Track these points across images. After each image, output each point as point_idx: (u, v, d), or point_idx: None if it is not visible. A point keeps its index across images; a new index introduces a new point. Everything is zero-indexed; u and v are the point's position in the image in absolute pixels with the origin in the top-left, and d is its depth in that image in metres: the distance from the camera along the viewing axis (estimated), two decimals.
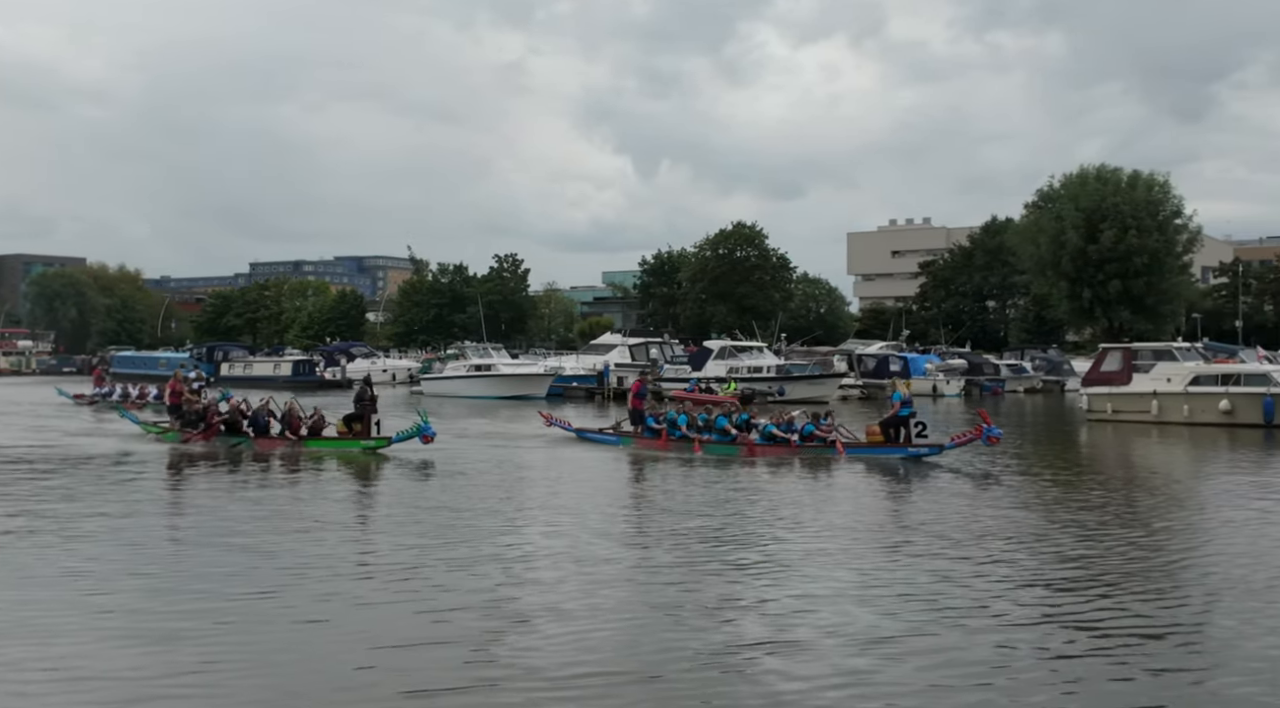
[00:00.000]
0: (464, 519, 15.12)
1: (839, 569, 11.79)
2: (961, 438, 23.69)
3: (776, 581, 11.20)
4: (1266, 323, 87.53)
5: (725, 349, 56.84)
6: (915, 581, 11.12)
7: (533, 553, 12.60)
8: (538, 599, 10.18)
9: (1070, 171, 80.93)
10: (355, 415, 25.34)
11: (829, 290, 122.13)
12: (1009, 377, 65.50)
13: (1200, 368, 38.38)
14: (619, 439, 27.01)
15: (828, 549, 12.95)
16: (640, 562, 12.17)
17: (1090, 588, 10.89)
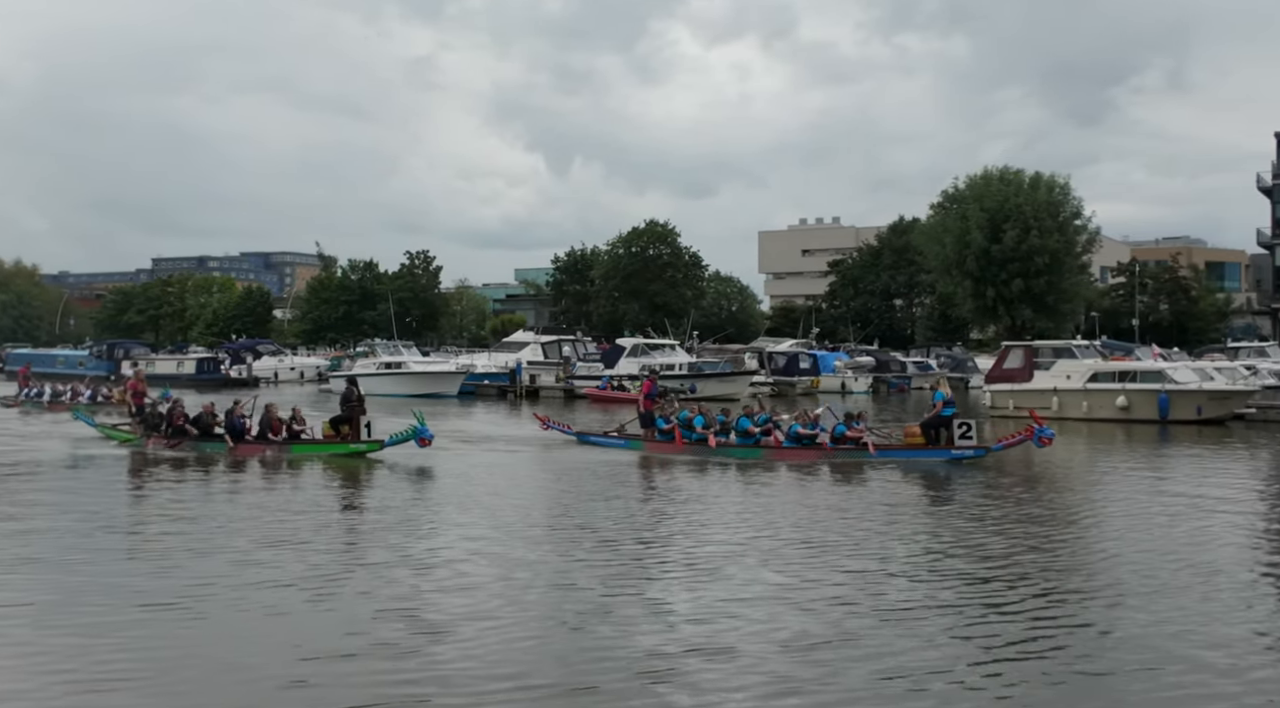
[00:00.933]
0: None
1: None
2: (1010, 440, 22.62)
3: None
4: (1162, 322, 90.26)
5: (638, 347, 57.03)
6: (846, 584, 11.13)
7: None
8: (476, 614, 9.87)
9: (975, 173, 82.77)
10: (343, 418, 23.90)
11: (740, 289, 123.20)
12: (915, 374, 66.67)
13: (1098, 365, 39.53)
14: (627, 442, 25.61)
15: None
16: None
17: (1008, 588, 10.99)
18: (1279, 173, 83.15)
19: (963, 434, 22.11)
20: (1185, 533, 14.43)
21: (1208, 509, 16.36)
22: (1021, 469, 21.81)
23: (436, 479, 20.25)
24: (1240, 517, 15.95)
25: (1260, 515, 16.53)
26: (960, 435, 22.11)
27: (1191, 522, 15.31)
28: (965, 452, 21.91)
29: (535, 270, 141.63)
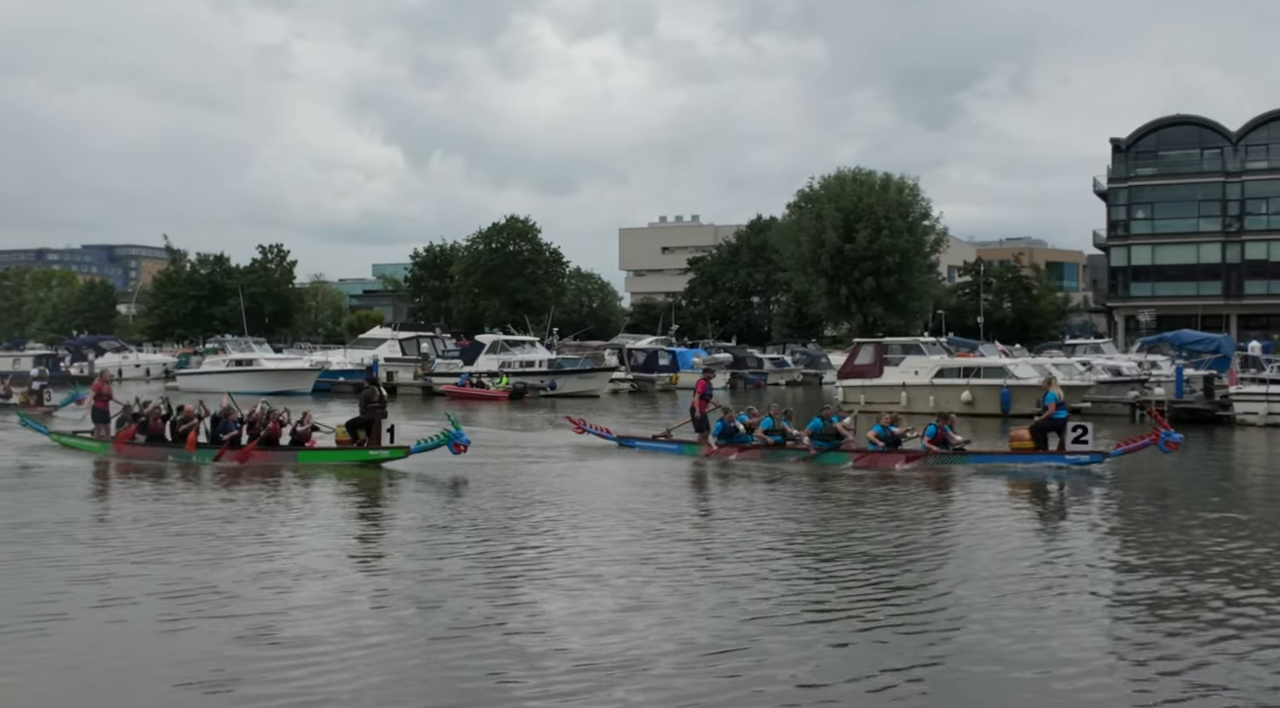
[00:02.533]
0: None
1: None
2: (1131, 444, 20.56)
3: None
4: (1005, 319, 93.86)
5: (497, 344, 56.73)
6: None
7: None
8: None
9: (829, 174, 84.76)
10: (362, 421, 21.14)
11: (601, 285, 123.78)
12: (771, 370, 67.94)
13: (944, 361, 40.95)
14: (681, 448, 23.57)
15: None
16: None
17: (859, 587, 10.96)
18: (1114, 177, 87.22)
19: (1077, 438, 20.47)
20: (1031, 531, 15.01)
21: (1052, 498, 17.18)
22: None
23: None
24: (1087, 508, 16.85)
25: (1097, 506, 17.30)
26: (1074, 439, 20.48)
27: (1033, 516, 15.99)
28: (1080, 457, 20.34)
29: (393, 266, 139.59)
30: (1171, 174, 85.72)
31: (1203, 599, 10.29)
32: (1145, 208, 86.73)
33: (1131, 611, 10.00)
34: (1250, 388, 34.34)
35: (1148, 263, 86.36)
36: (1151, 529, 14.61)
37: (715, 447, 22.41)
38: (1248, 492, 20.16)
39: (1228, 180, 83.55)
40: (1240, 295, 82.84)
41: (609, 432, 25.54)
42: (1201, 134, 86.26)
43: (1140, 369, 42.39)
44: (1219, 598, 10.32)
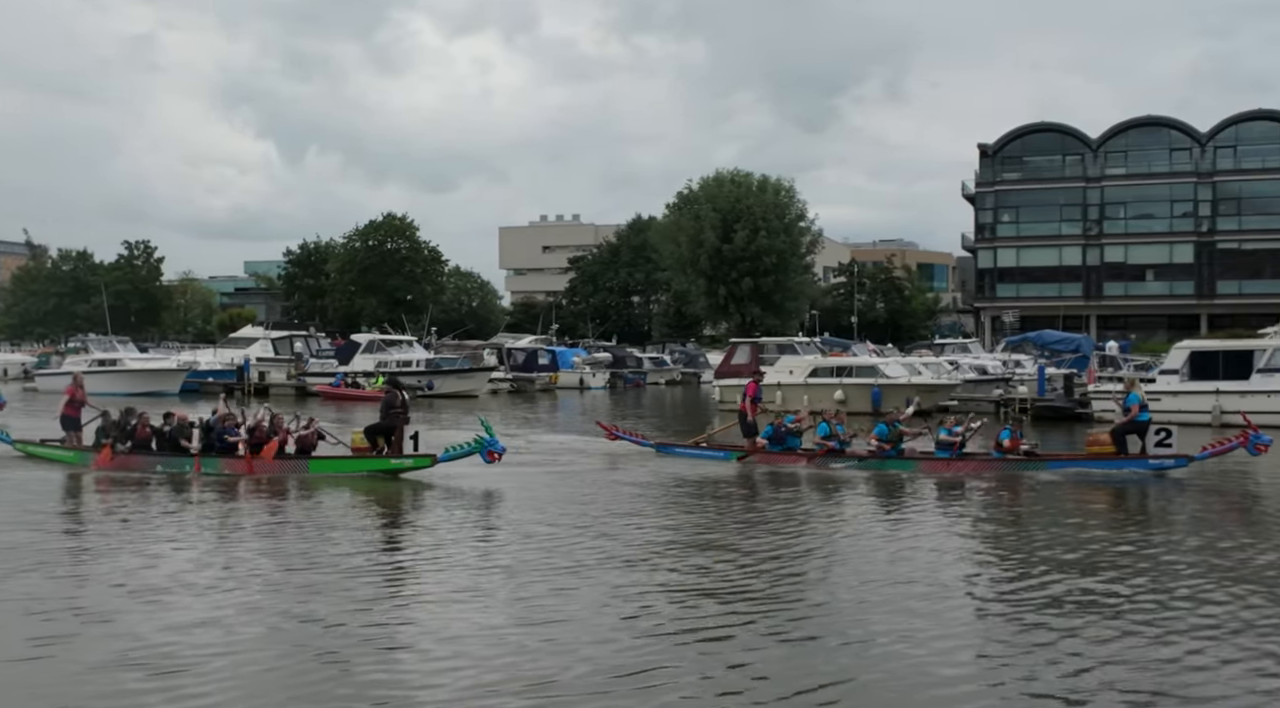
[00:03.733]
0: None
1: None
2: (1218, 447, 19.58)
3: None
4: (878, 319, 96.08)
5: (374, 343, 55.92)
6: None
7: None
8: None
9: (708, 175, 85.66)
10: (382, 427, 19.50)
11: (481, 284, 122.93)
12: (651, 369, 68.37)
13: (818, 361, 41.77)
14: (728, 454, 22.22)
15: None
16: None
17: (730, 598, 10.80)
18: (981, 182, 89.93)
19: (1160, 441, 19.65)
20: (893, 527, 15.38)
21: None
22: (748, 467, 22.22)
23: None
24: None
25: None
26: (1158, 443, 19.64)
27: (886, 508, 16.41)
28: (1164, 461, 19.52)
29: (266, 263, 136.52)
30: (1035, 179, 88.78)
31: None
32: (1011, 212, 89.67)
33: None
34: (1107, 386, 35.71)
35: (1013, 265, 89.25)
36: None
37: (816, 450, 20.97)
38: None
39: (1088, 185, 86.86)
40: (1099, 297, 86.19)
41: (645, 437, 24.57)
42: (1064, 141, 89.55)
43: (1005, 368, 43.79)
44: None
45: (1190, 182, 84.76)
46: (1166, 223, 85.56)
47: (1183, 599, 10.30)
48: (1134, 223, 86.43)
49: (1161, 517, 16.20)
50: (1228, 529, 14.61)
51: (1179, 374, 33.20)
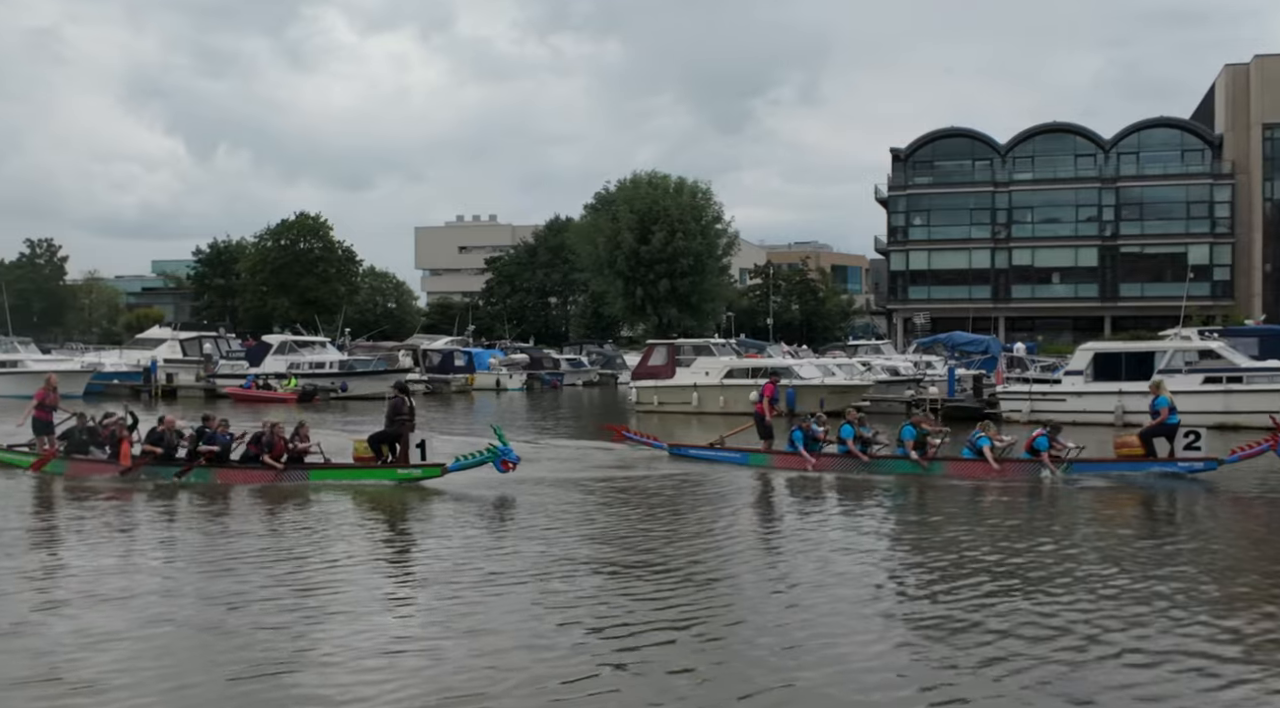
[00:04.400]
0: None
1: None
2: (1248, 450, 19.27)
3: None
4: (793, 321, 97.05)
5: (285, 344, 55.00)
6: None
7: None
8: None
9: (626, 176, 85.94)
10: (388, 435, 18.65)
11: (396, 285, 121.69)
12: (568, 371, 68.20)
13: (734, 362, 42.06)
14: (746, 457, 21.75)
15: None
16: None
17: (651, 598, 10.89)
18: (893, 186, 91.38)
19: (1189, 445, 19.34)
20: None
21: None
22: (665, 467, 22.31)
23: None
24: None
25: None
26: (1186, 446, 19.33)
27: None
28: (1193, 465, 19.19)
29: (175, 262, 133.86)
30: (946, 184, 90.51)
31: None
32: (922, 215, 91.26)
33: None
34: (1015, 387, 36.53)
35: (924, 268, 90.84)
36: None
37: (807, 455, 20.47)
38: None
39: (997, 190, 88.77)
40: (1007, 299, 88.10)
41: (656, 439, 23.80)
42: (973, 146, 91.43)
43: (916, 369, 44.55)
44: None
45: (1094, 187, 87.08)
46: (1072, 227, 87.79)
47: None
48: (1041, 227, 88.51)
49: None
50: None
51: (1083, 375, 34.05)
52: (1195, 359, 32.79)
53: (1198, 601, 10.34)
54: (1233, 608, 10.11)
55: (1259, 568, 12.29)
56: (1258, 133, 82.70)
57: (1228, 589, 10.99)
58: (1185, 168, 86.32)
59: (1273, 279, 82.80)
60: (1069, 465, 19.27)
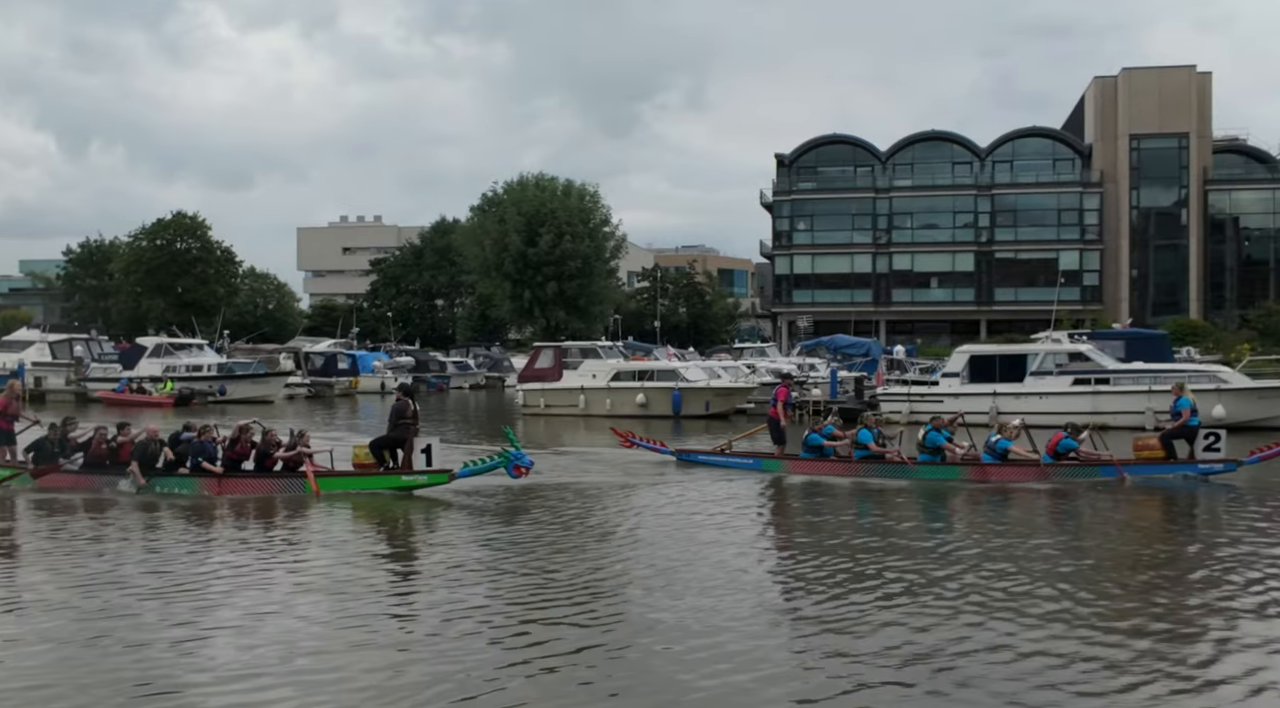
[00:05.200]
0: None
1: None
2: (1268, 450, 19.41)
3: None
4: (680, 324, 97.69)
5: (161, 347, 53.49)
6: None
7: None
8: None
9: (513, 178, 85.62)
10: (391, 440, 17.85)
11: (278, 286, 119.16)
12: (455, 374, 67.69)
13: (621, 365, 42.22)
14: (759, 462, 21.37)
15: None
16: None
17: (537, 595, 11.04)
18: (778, 191, 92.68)
19: (1209, 446, 19.34)
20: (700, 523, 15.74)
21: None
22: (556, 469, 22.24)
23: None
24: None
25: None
26: (1206, 447, 19.34)
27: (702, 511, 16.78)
28: (1213, 466, 19.25)
29: (45, 262, 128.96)
30: (829, 189, 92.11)
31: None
32: (806, 220, 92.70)
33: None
34: (894, 389, 37.41)
35: (808, 272, 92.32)
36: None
37: (843, 454, 20.22)
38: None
39: (878, 196, 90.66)
40: (888, 303, 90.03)
41: (664, 445, 23.11)
42: (855, 153, 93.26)
43: (800, 371, 45.26)
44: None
45: (971, 194, 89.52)
46: (949, 233, 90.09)
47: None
48: (920, 233, 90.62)
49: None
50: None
51: (959, 377, 35.03)
52: (1065, 361, 33.97)
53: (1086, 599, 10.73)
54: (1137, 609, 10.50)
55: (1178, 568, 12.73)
56: (1125, 143, 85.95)
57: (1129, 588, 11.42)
58: (1056, 176, 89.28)
59: (1139, 284, 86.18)
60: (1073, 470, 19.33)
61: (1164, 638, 9.12)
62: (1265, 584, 11.21)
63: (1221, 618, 9.86)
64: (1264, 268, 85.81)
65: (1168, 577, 11.75)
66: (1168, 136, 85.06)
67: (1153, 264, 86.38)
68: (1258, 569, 11.97)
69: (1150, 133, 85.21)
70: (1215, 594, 10.86)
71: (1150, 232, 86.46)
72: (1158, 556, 13.13)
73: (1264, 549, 13.23)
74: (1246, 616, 9.93)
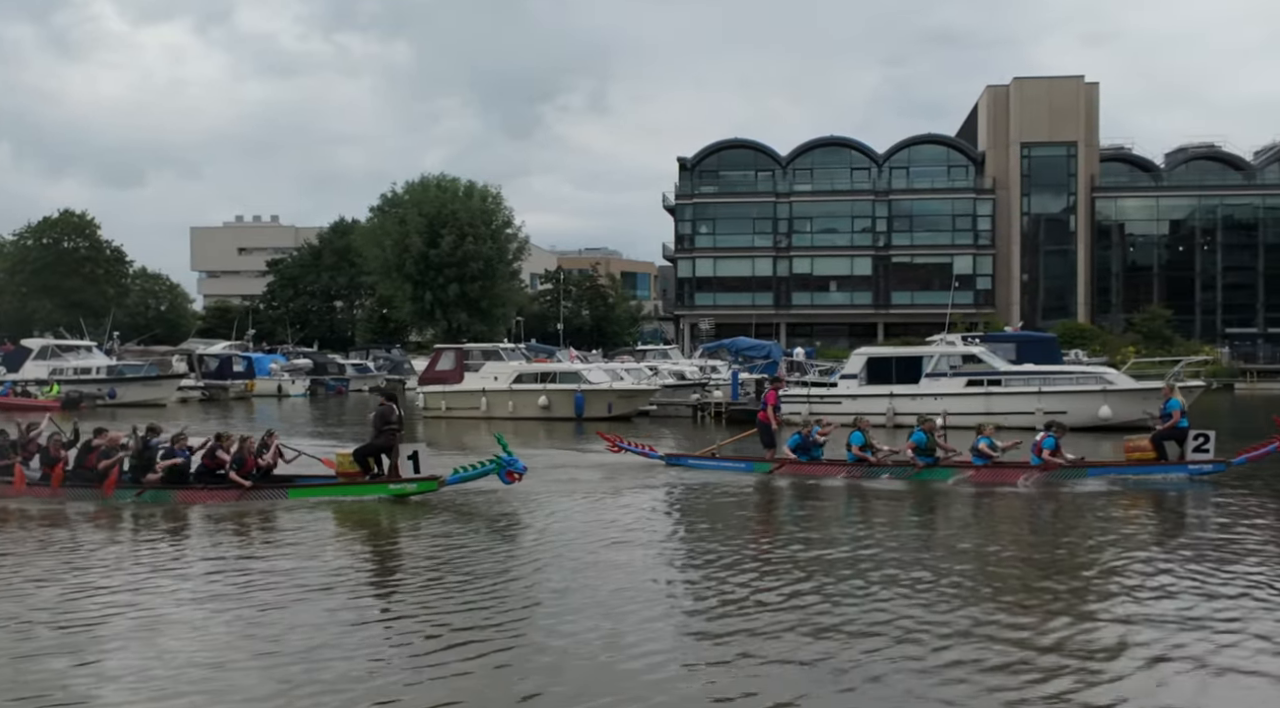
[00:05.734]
0: None
1: None
2: (1255, 450, 19.52)
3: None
4: (583, 326, 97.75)
5: (47, 348, 51.87)
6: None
7: None
8: None
9: (414, 179, 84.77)
10: (377, 447, 17.24)
11: (171, 287, 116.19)
12: (354, 376, 66.83)
13: (523, 367, 42.08)
14: (750, 466, 21.22)
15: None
16: None
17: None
18: (681, 194, 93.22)
19: (1198, 447, 19.43)
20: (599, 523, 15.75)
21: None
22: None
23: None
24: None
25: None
26: (1195, 448, 19.43)
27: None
28: (1202, 467, 19.30)
29: None
30: (731, 193, 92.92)
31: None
32: (708, 224, 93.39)
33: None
34: (794, 390, 37.87)
35: (710, 275, 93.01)
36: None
37: (848, 461, 20.16)
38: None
39: (778, 201, 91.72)
40: (788, 306, 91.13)
41: (653, 449, 22.86)
42: (756, 157, 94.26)
43: (701, 373, 45.64)
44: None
45: (869, 200, 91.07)
46: (848, 238, 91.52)
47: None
48: (819, 237, 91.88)
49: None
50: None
51: (858, 379, 35.66)
52: (959, 363, 34.79)
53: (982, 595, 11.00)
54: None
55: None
56: (1016, 151, 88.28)
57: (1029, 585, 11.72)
58: (951, 183, 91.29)
59: (1029, 288, 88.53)
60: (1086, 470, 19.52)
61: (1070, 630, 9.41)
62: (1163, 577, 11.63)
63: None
64: (1148, 273, 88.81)
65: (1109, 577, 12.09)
66: (1057, 145, 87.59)
67: (1043, 269, 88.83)
68: (1165, 571, 12.38)
69: (1040, 141, 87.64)
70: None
71: (1040, 237, 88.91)
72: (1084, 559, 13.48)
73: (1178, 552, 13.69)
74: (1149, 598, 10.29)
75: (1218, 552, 13.00)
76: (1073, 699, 7.55)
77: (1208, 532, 14.72)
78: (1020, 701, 7.54)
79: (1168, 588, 11.00)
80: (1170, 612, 9.97)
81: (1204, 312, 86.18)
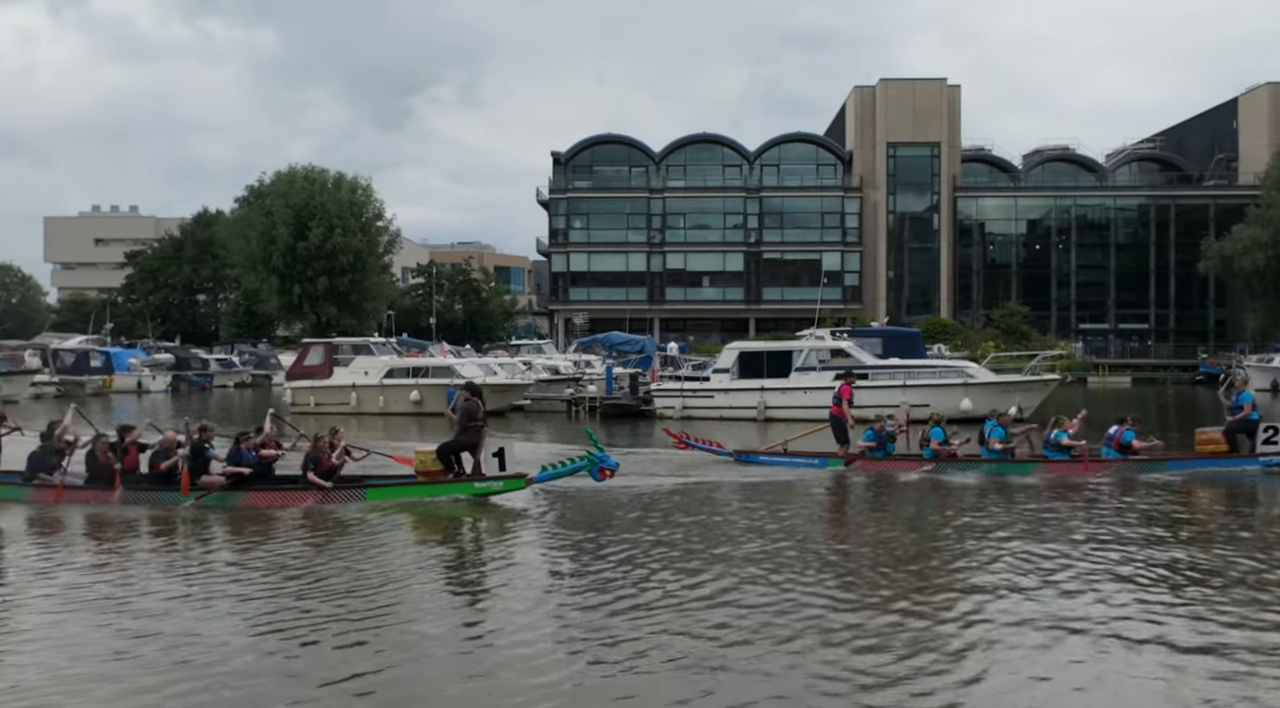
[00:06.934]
0: None
1: None
2: None
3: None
4: (456, 320, 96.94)
5: None
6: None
7: None
8: None
9: (282, 169, 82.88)
10: (461, 444, 16.19)
11: (22, 279, 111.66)
12: (218, 371, 65.07)
13: (394, 362, 41.57)
14: (823, 461, 20.78)
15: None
16: None
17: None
18: (554, 189, 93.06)
19: (1268, 439, 19.49)
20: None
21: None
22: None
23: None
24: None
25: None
26: (1265, 441, 19.47)
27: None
28: (1273, 459, 19.31)
29: None
30: (604, 188, 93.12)
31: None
32: (582, 218, 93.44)
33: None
34: (668, 384, 38.26)
35: (584, 270, 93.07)
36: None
37: (926, 456, 20.02)
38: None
39: (652, 196, 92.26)
40: (662, 301, 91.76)
41: (720, 446, 22.31)
42: (630, 153, 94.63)
43: (576, 368, 45.66)
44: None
45: (740, 196, 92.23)
46: (720, 234, 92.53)
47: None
48: (692, 233, 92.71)
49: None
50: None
51: (730, 373, 36.16)
52: (828, 357, 35.56)
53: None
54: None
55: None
56: (882, 150, 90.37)
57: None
58: (820, 181, 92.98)
59: (895, 285, 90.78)
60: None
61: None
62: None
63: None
64: (1006, 271, 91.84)
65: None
66: (921, 145, 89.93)
67: (908, 266, 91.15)
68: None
69: (905, 141, 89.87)
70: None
71: (905, 235, 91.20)
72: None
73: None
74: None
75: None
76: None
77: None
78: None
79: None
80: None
81: (1059, 308, 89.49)
